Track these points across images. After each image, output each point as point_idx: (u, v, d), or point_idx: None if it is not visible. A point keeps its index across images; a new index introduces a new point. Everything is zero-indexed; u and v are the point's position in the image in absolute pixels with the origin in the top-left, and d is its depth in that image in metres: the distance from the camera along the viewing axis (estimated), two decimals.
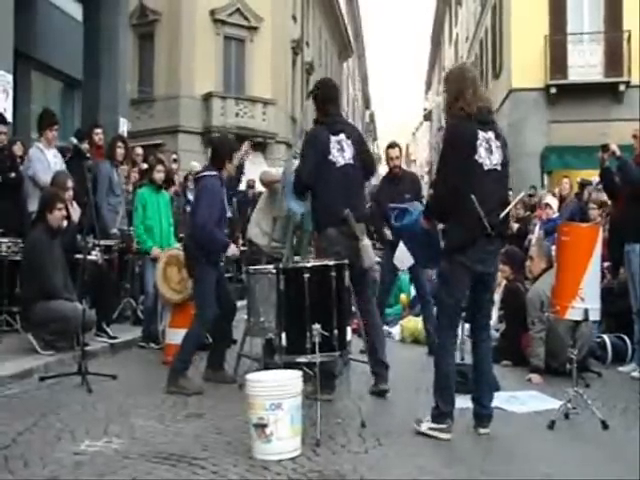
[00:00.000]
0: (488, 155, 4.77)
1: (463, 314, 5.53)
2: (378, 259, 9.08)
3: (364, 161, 6.08)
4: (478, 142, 4.76)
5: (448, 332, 4.94)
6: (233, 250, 6.41)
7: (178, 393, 5.95)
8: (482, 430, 4.92)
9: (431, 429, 4.79)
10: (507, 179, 4.99)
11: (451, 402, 4.84)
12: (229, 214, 6.56)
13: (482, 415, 4.95)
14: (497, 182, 4.81)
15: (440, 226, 5.31)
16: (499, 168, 4.82)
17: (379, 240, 8.74)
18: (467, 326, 7.63)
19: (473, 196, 4.64)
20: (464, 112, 4.82)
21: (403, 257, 8.18)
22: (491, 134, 4.84)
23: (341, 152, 5.82)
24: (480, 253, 4.77)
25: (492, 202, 4.74)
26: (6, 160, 8.54)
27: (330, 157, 5.79)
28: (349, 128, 6.12)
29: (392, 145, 8.68)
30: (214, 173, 6.31)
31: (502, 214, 4.78)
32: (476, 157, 4.74)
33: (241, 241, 12.85)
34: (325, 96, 6.08)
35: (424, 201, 6.68)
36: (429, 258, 5.72)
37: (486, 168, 4.76)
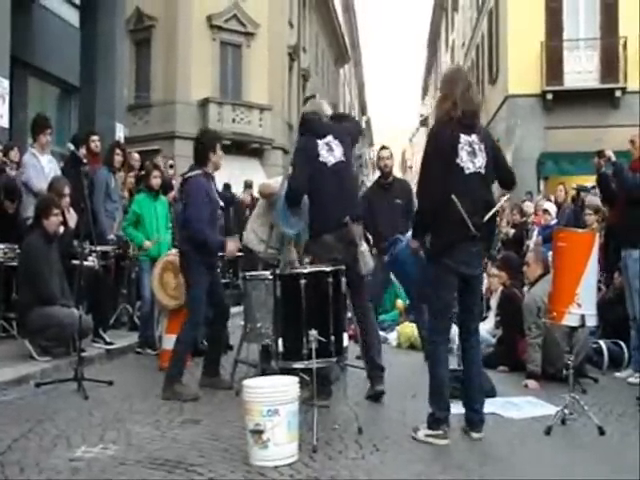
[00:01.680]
0: (471, 158, 4.79)
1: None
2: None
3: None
4: (460, 146, 4.78)
5: (440, 337, 4.94)
6: (231, 247, 6.38)
7: (174, 399, 5.94)
8: (475, 435, 4.89)
9: (428, 436, 4.79)
10: (493, 181, 5.03)
11: (446, 408, 4.84)
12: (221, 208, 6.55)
13: (474, 420, 4.93)
14: (481, 185, 4.83)
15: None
16: (483, 171, 4.83)
17: (374, 245, 8.66)
18: None
19: (454, 196, 4.66)
20: (448, 115, 4.85)
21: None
22: (475, 137, 4.85)
23: (331, 152, 5.84)
24: (464, 255, 4.80)
25: (475, 204, 4.75)
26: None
27: (320, 158, 5.81)
28: (336, 127, 6.10)
29: (383, 147, 8.79)
30: (199, 172, 6.32)
31: (486, 216, 4.79)
32: (458, 161, 4.76)
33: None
34: (306, 115, 6.17)
35: (414, 207, 6.71)
36: (421, 292, 5.88)
37: (468, 172, 4.78)
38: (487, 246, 5.13)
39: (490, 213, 4.82)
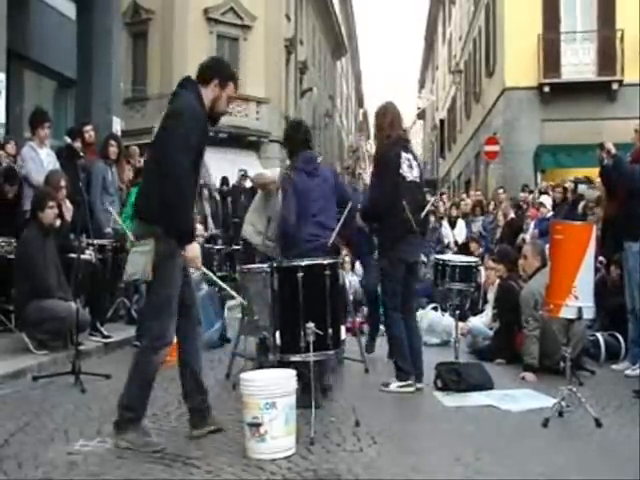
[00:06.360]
0: (410, 170, 6.20)
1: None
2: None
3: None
4: (402, 160, 6.16)
5: (392, 309, 6.18)
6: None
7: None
8: (419, 385, 6.04)
9: (399, 386, 5.96)
10: (423, 188, 6.64)
11: (407, 359, 6.03)
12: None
13: (418, 374, 6.10)
14: (417, 191, 6.30)
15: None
16: (417, 180, 6.31)
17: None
18: (461, 324, 7.70)
19: (404, 202, 5.96)
20: (388, 139, 6.24)
21: None
22: (410, 155, 6.31)
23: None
24: (407, 246, 6.13)
25: (414, 206, 6.09)
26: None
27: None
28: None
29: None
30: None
31: (422, 214, 6.22)
32: (401, 171, 6.13)
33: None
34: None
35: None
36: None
37: (409, 179, 6.17)
38: (423, 236, 6.57)
39: (424, 212, 6.28)
